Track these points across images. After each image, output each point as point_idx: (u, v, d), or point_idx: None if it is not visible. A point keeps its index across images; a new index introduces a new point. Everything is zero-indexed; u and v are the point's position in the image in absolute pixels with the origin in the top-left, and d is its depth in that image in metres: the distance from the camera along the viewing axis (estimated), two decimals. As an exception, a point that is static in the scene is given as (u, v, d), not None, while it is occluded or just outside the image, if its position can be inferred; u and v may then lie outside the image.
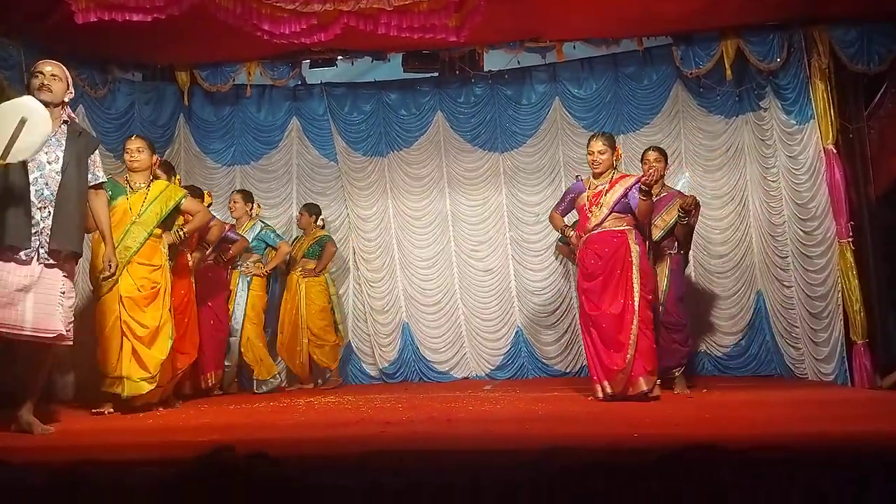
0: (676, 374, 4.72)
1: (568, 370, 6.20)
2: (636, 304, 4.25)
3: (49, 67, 3.70)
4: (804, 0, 4.92)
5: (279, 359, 5.97)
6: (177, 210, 4.55)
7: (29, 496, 2.51)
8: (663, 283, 4.73)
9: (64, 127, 3.65)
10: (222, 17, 4.41)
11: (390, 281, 6.49)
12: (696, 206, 4.79)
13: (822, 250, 5.12)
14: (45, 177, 3.48)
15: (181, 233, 4.57)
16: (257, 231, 5.82)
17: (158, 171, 4.82)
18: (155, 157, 4.62)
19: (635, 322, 4.23)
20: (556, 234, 6.28)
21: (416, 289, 6.46)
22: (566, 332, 6.23)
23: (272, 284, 6.04)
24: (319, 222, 6.15)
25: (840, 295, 4.91)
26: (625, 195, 4.37)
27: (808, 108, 5.12)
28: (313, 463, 2.33)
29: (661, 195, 4.75)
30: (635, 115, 6.17)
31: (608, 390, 4.28)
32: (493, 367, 6.32)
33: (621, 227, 4.38)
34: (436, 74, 6.29)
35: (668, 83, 6.07)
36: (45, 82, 3.63)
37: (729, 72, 5.36)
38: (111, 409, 4.27)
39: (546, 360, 6.27)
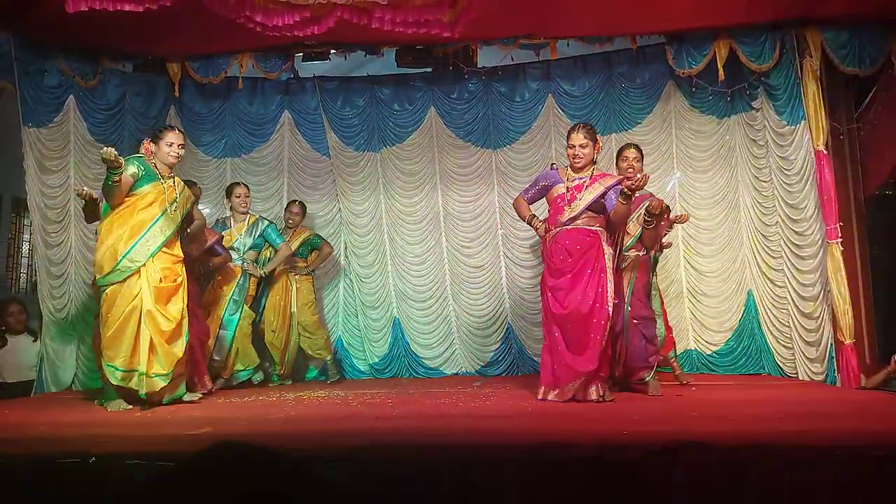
0: (647, 377, 4.49)
1: (558, 367, 6.22)
2: (609, 307, 4.05)
3: None
4: (797, 1, 4.95)
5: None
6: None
7: (16, 488, 2.49)
8: (628, 277, 4.53)
9: None
10: (215, 8, 4.38)
11: (382, 276, 6.48)
12: (665, 210, 4.61)
13: (812, 251, 5.16)
14: None
15: (185, 233, 4.59)
16: (261, 228, 5.66)
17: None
18: None
19: (607, 326, 4.05)
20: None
21: (407, 284, 6.46)
22: (556, 329, 6.25)
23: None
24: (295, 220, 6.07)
25: (829, 295, 4.95)
26: (603, 195, 4.19)
27: (800, 109, 5.15)
28: (304, 457, 2.33)
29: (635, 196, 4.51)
30: (627, 113, 6.18)
31: (553, 397, 4.10)
32: (483, 364, 6.33)
33: (594, 227, 4.22)
34: (429, 70, 6.29)
35: (660, 82, 6.09)
36: None
37: (721, 72, 5.38)
38: (126, 405, 4.10)
39: (536, 356, 6.27)
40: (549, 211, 4.45)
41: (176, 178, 4.48)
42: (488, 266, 6.41)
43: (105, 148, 4.01)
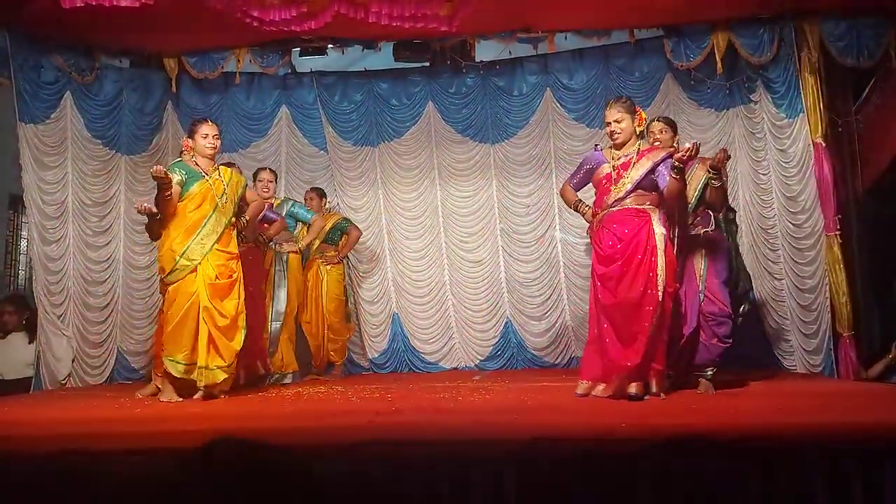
0: (709, 372, 4.12)
1: (557, 362, 6.22)
2: (660, 293, 3.74)
3: None
4: (795, -7, 4.95)
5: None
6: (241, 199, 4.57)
7: (18, 485, 2.49)
8: (700, 266, 4.14)
9: None
10: (211, 3, 4.37)
11: (380, 272, 6.48)
12: (727, 159, 4.18)
13: (811, 243, 5.16)
14: None
15: (244, 220, 4.57)
16: (288, 208, 5.56)
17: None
18: None
19: (657, 314, 3.73)
20: (546, 225, 6.35)
21: (406, 280, 6.46)
22: (555, 323, 6.26)
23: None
24: (327, 206, 6.04)
25: (828, 287, 4.96)
26: (652, 171, 3.87)
27: (798, 102, 5.14)
28: (303, 452, 2.33)
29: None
30: (626, 107, 6.16)
31: (599, 392, 3.85)
32: (482, 358, 6.33)
33: (644, 206, 3.88)
34: (427, 64, 6.27)
35: (658, 76, 6.08)
36: None
37: (720, 65, 5.37)
38: (177, 397, 4.25)
39: (535, 351, 6.29)
40: (595, 194, 4.13)
41: (220, 167, 4.52)
42: (487, 261, 6.41)
43: (154, 167, 4.21)
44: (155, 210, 4.35)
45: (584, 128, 6.21)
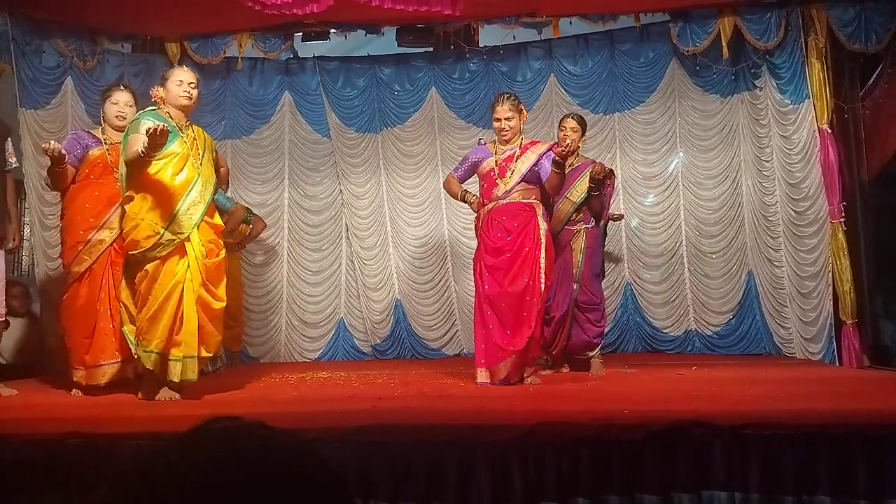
0: (591, 355, 4.55)
1: (559, 348, 6.23)
2: (542, 285, 3.98)
3: None
4: (803, -22, 4.89)
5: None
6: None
7: (16, 469, 2.50)
8: (578, 258, 4.50)
9: None
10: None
11: (383, 258, 6.46)
12: (609, 175, 4.53)
13: (813, 230, 5.14)
14: None
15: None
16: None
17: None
18: None
19: (538, 305, 3.97)
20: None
21: (409, 266, 6.45)
22: (558, 310, 6.26)
23: None
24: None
25: (830, 275, 4.94)
26: (536, 163, 4.08)
27: (804, 88, 5.10)
28: (307, 437, 2.33)
29: (576, 165, 4.51)
30: (630, 93, 6.13)
31: (486, 378, 4.03)
32: (484, 345, 6.34)
33: (530, 200, 4.10)
34: (430, 50, 6.22)
35: (664, 61, 6.03)
36: None
37: (726, 49, 5.32)
38: (173, 395, 3.62)
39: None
40: (481, 187, 4.33)
41: (193, 125, 3.86)
42: (490, 247, 6.39)
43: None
44: (65, 153, 3.90)
45: (588, 113, 6.14)
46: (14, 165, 4.04)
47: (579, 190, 4.48)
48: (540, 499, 2.42)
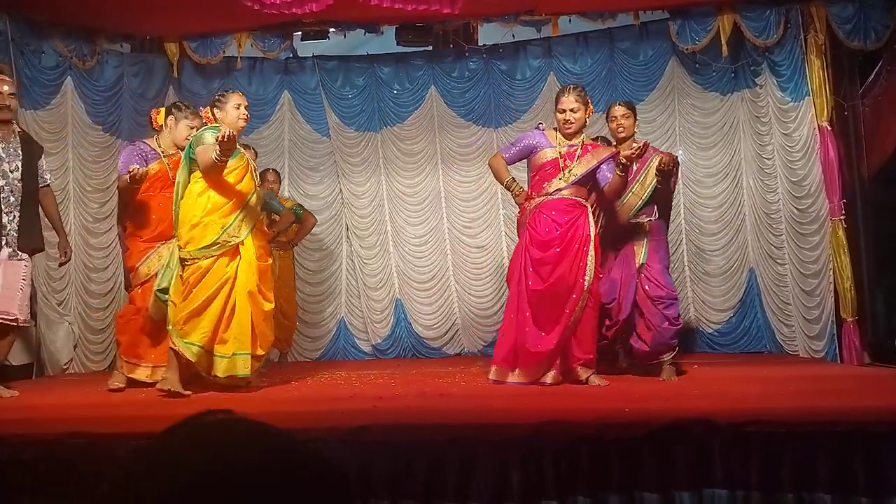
0: (666, 358, 4.13)
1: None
2: (587, 282, 3.85)
3: (6, 87, 3.98)
4: (802, -25, 4.88)
5: None
6: None
7: (16, 469, 2.50)
8: (641, 254, 4.17)
9: (18, 138, 4.00)
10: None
11: (383, 257, 6.46)
12: (675, 164, 4.26)
13: (815, 228, 5.13)
14: (10, 184, 3.92)
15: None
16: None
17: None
18: None
19: (581, 304, 3.82)
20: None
21: (409, 265, 6.44)
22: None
23: None
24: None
25: (832, 273, 4.93)
26: (597, 168, 3.96)
27: (804, 85, 5.10)
28: (307, 437, 2.33)
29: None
30: (630, 91, 6.11)
31: (513, 379, 3.91)
32: (485, 344, 6.32)
33: (581, 199, 3.99)
34: (429, 48, 6.22)
35: (663, 59, 6.02)
36: (5, 102, 3.93)
37: (725, 47, 5.31)
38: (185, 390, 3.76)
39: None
40: (533, 177, 4.10)
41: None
42: (490, 246, 6.39)
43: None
44: (144, 171, 4.10)
45: (588, 112, 6.16)
46: (50, 182, 4.29)
47: (645, 183, 4.14)
48: (540, 497, 2.42)
